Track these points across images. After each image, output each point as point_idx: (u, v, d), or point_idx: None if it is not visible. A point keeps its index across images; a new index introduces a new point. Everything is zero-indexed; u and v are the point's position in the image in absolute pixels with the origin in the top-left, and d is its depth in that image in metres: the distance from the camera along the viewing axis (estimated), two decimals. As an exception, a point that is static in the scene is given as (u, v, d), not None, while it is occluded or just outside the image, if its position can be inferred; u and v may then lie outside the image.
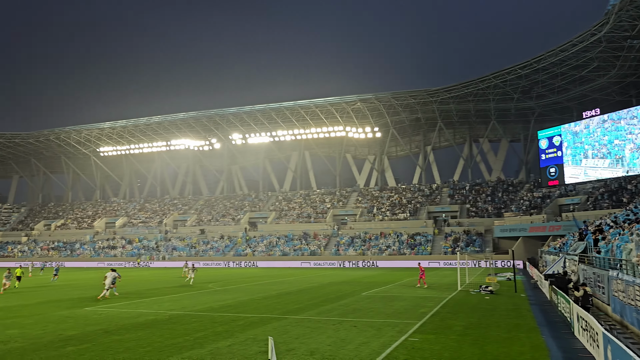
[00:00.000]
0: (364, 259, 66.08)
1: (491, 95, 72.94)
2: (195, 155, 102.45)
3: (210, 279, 42.96)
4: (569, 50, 56.68)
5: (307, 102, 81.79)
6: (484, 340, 14.26)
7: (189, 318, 19.27)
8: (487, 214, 71.45)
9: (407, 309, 21.23)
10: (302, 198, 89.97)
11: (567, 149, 66.46)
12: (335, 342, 14.14)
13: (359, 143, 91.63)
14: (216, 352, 12.98)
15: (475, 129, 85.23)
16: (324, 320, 18.24)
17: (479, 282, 34.32)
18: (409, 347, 13.47)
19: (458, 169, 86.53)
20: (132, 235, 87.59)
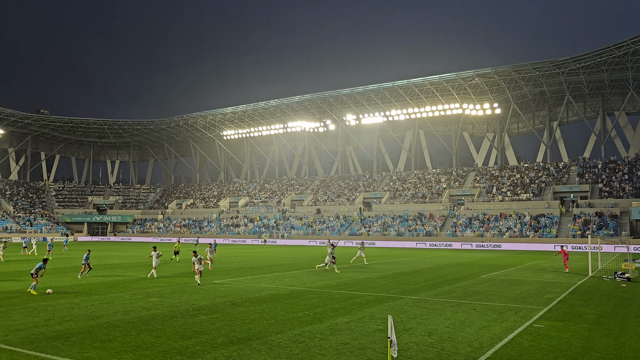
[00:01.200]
0: (483, 241, 63.68)
1: (629, 62, 65.70)
2: (310, 137, 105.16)
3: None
4: None
5: (421, 79, 79.84)
6: (620, 331, 13.13)
7: (308, 294, 20.02)
8: (624, 194, 65.02)
9: (531, 294, 20.16)
10: (416, 178, 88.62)
11: None
12: (454, 324, 13.87)
13: (476, 120, 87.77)
14: (335, 328, 13.38)
15: (610, 100, 77.55)
16: (442, 302, 17.95)
17: (613, 268, 31.52)
18: (534, 333, 12.82)
19: (589, 145, 79.64)
20: (253, 214, 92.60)
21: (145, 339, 12.07)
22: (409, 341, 11.86)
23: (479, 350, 11.08)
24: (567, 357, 10.56)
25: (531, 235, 62.79)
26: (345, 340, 11.99)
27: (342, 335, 12.45)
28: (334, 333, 12.73)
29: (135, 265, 34.68)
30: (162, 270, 29.97)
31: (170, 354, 10.65)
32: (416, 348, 11.23)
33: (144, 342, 11.75)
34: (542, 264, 36.21)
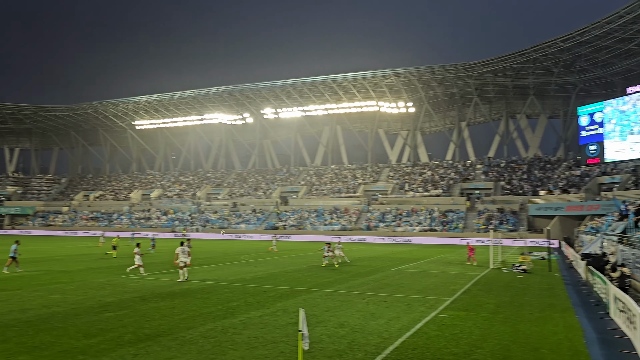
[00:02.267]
0: (395, 235, 65.97)
1: (530, 69, 70.71)
2: (228, 130, 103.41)
3: (242, 251, 43.71)
4: (615, 22, 54.20)
5: (340, 76, 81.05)
6: (516, 319, 14.12)
7: (221, 288, 19.69)
8: (523, 191, 70.05)
9: (438, 286, 21.16)
10: (333, 173, 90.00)
11: (614, 125, 63.93)
12: (365, 316, 14.24)
13: (391, 118, 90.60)
14: (248, 322, 13.26)
15: (513, 104, 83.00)
16: (354, 295, 18.36)
17: (512, 260, 33.88)
18: (439, 323, 13.46)
19: (493, 145, 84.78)
20: (167, 207, 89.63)
21: (44, 338, 11.28)
22: (322, 333, 12.01)
23: (388, 340, 11.45)
24: (468, 344, 11.17)
25: (440, 230, 65.96)
26: (258, 334, 11.91)
27: (255, 330, 12.37)
28: (247, 327, 12.62)
29: (36, 260, 32.33)
30: (65, 266, 28.23)
31: (71, 354, 10.03)
32: (328, 340, 11.39)
33: (43, 342, 10.98)
34: (449, 257, 38.15)
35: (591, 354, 10.53)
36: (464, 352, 10.49)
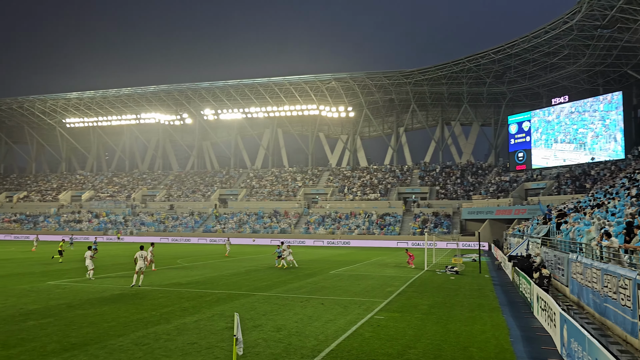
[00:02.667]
0: (334, 238, 66.59)
1: (464, 78, 73.54)
2: (165, 130, 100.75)
3: (179, 254, 42.68)
4: (542, 37, 57.39)
5: (281, 79, 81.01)
6: (447, 319, 14.61)
7: (156, 293, 19.13)
8: (456, 196, 72.68)
9: (374, 288, 21.54)
10: (273, 176, 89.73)
11: (540, 134, 67.54)
12: (302, 319, 14.27)
13: (332, 122, 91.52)
14: (183, 328, 12.95)
15: (448, 112, 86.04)
16: (292, 298, 18.37)
17: (445, 262, 35.01)
18: (374, 324, 13.70)
19: (429, 151, 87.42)
20: (98, 209, 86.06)
21: (-43, 350, 10.51)
22: (258, 337, 11.93)
23: (324, 343, 11.53)
24: (401, 345, 11.45)
25: (377, 233, 67.23)
26: (192, 339, 11.67)
27: (189, 335, 12.10)
28: (181, 333, 12.32)
29: (-51, 266, 30.10)
30: None
31: (-13, 366, 9.41)
32: (264, 344, 11.33)
33: (-45, 354, 10.23)
34: (386, 260, 38.93)
35: (515, 351, 11.06)
36: (398, 353, 10.74)
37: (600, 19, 50.11)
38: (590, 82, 66.38)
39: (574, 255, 18.54)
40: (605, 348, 7.44)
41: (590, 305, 15.89)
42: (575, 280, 18.17)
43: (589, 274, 15.72)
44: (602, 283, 14.17)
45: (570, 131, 63.71)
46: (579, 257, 17.57)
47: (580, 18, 50.63)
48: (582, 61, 60.75)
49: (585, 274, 16.35)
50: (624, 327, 12.25)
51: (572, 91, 67.79)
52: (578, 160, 62.49)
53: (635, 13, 46.91)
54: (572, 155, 63.27)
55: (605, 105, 59.87)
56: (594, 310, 15.40)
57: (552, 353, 11.02)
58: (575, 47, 58.14)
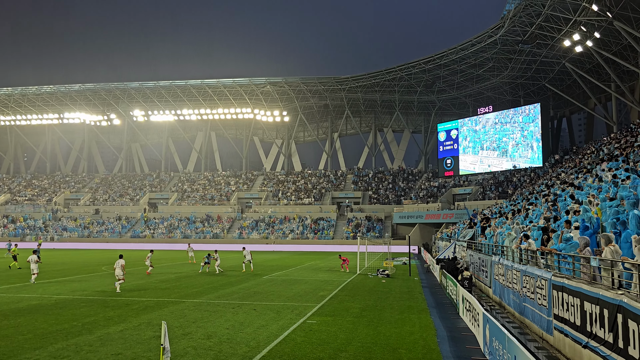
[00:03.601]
0: (268, 243, 66.21)
1: (397, 87, 75.60)
2: (91, 131, 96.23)
3: (104, 261, 40.83)
4: (469, 49, 60.09)
5: (215, 81, 79.76)
6: (378, 322, 14.87)
7: (77, 302, 18.19)
8: (388, 201, 74.44)
9: (307, 292, 21.59)
10: (206, 180, 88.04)
11: (468, 141, 70.56)
12: (234, 326, 14.05)
13: (267, 126, 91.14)
14: (106, 338, 12.37)
15: (381, 118, 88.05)
16: (223, 304, 18.05)
17: (377, 266, 35.68)
18: (306, 329, 13.71)
19: (363, 156, 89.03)
20: (15, 214, 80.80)
21: None
22: (187, 346, 11.61)
23: (255, 349, 11.40)
24: (333, 348, 11.53)
25: (311, 237, 67.55)
26: (117, 350, 11.17)
27: (114, 346, 11.58)
28: (105, 344, 11.77)
29: None
30: None
31: None
32: (194, 352, 11.04)
33: None
34: (320, 264, 39.16)
35: (442, 351, 11.44)
36: (329, 356, 10.80)
37: (522, 35, 53.18)
38: (512, 93, 70.25)
39: (496, 257, 19.47)
40: (523, 346, 7.84)
41: (511, 305, 16.73)
42: (497, 282, 19.08)
43: (510, 275, 16.55)
44: (521, 284, 14.96)
45: (495, 140, 67.16)
46: (500, 260, 18.47)
47: (503, 33, 53.49)
48: (505, 73, 64.19)
49: (506, 276, 17.20)
50: (541, 325, 12.99)
51: (496, 101, 71.47)
52: (501, 166, 65.91)
53: (552, 30, 50.19)
54: (496, 161, 66.73)
55: (524, 117, 63.78)
56: (514, 310, 16.22)
57: (476, 352, 11.48)
58: (499, 60, 61.35)
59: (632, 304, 7.86)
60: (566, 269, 12.04)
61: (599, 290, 9.25)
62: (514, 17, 49.93)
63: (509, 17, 50.32)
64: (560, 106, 70.86)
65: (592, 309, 9.47)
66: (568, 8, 45.40)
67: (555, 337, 11.66)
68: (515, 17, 49.90)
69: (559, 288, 11.45)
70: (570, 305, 10.70)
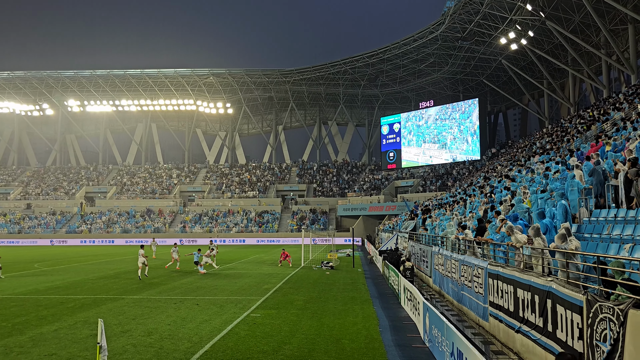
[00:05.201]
0: (211, 236, 65.16)
1: (341, 80, 76.15)
2: (22, 121, 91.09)
3: (37, 258, 38.93)
4: (411, 44, 61.35)
5: (156, 71, 77.46)
6: (322, 313, 14.99)
7: (7, 302, 17.25)
8: (332, 193, 75.06)
9: (251, 286, 21.46)
10: (147, 172, 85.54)
11: (412, 135, 72.15)
12: (176, 321, 13.76)
13: (210, 118, 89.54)
14: (39, 338, 11.81)
15: (325, 111, 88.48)
16: (165, 300, 17.64)
17: (321, 258, 35.95)
18: (250, 322, 13.64)
19: (307, 149, 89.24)
20: (-62, 209, 75.53)
21: None
22: (127, 343, 11.27)
23: (198, 344, 11.22)
24: (277, 341, 11.52)
25: (255, 230, 67.15)
26: (50, 350, 10.68)
27: (47, 346, 11.06)
28: (37, 344, 11.23)
29: None
30: None
31: None
32: (133, 350, 10.73)
33: None
34: (264, 257, 39.00)
35: (383, 340, 11.68)
36: (273, 349, 10.79)
37: (461, 32, 54.84)
38: (452, 88, 72.42)
39: (436, 248, 20.07)
40: (461, 332, 8.13)
41: (450, 294, 17.31)
42: (437, 271, 19.68)
43: (449, 265, 17.12)
44: (459, 273, 15.50)
45: (435, 133, 69.09)
46: (440, 250, 19.06)
47: (444, 29, 54.96)
48: (445, 69, 66.03)
49: (445, 265, 17.78)
50: (477, 312, 13.52)
51: (437, 96, 73.46)
52: (442, 158, 67.94)
53: (490, 29, 52.03)
54: (436, 152, 68.77)
55: (461, 114, 66.08)
56: (453, 298, 16.80)
57: (417, 340, 11.81)
58: (440, 55, 63.02)
59: (561, 289, 8.31)
60: (500, 257, 12.58)
61: (531, 277, 9.72)
62: (453, 14, 51.38)
63: (449, 14, 51.75)
64: (497, 101, 73.74)
65: (525, 296, 9.94)
66: (504, 7, 47.18)
67: (491, 323, 12.17)
68: (455, 14, 51.37)
69: (494, 276, 11.94)
70: (505, 292, 11.18)
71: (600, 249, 10.14)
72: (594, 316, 7.07)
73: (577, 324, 7.67)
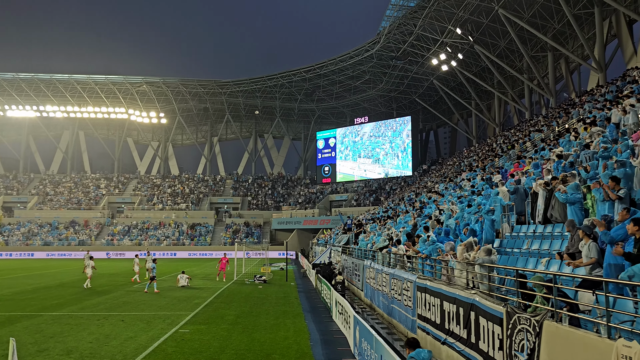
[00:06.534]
0: (141, 250, 62.79)
1: (278, 93, 76.32)
2: None
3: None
4: (347, 61, 62.62)
5: (85, 77, 74.32)
6: (253, 328, 14.78)
7: None
8: (267, 207, 74.63)
9: (181, 301, 20.84)
10: (73, 182, 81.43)
11: (349, 150, 73.30)
12: (98, 339, 13.10)
13: (142, 127, 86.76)
14: (-58, 360, 10.87)
15: (261, 124, 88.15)
16: (88, 316, 16.77)
17: (254, 272, 35.53)
18: (178, 338, 13.22)
19: (243, 162, 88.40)
20: None
21: None
22: (42, 364, 10.59)
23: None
24: (206, 357, 11.23)
25: (188, 243, 65.42)
26: (-46, 374, 9.85)
27: (-49, 369, 10.19)
28: (-60, 367, 10.32)
29: None
30: None
31: None
32: (49, 371, 10.09)
33: None
34: (196, 271, 38.02)
35: (314, 354, 11.67)
36: (201, 366, 10.50)
37: (395, 51, 56.65)
38: (386, 105, 74.47)
39: (368, 261, 20.39)
40: (389, 345, 8.28)
41: (380, 307, 17.60)
42: (369, 285, 19.98)
43: (380, 278, 17.43)
44: (390, 286, 15.81)
45: (370, 149, 70.71)
46: (372, 264, 19.38)
47: (379, 48, 56.55)
48: (380, 86, 67.86)
49: (377, 279, 18.08)
50: (406, 325, 13.83)
51: (372, 112, 75.25)
52: (376, 172, 69.64)
53: (422, 50, 54.11)
54: (370, 167, 70.43)
55: (392, 132, 68.30)
56: (383, 312, 17.09)
57: (347, 353, 11.89)
58: (375, 73, 64.72)
59: (483, 302, 8.67)
60: (428, 271, 12.96)
61: (456, 290, 10.08)
62: (388, 33, 53.02)
63: (384, 34, 53.35)
64: (429, 120, 76.53)
65: (450, 308, 10.28)
66: (436, 29, 49.28)
67: (419, 335, 12.48)
68: (390, 34, 53.02)
69: (422, 289, 12.28)
70: (432, 305, 11.52)
71: (520, 262, 10.68)
72: (513, 327, 7.42)
73: (497, 335, 8.01)
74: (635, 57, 35.71)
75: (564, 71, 47.33)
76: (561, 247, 9.93)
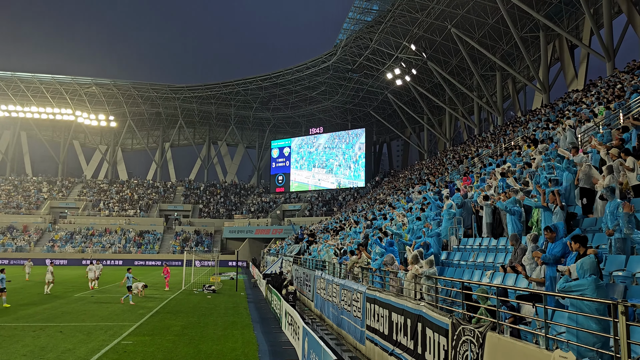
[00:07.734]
0: (85, 257, 60.47)
1: (233, 101, 75.70)
2: None
3: None
4: (304, 71, 62.92)
5: (30, 75, 71.25)
6: (200, 339, 14.44)
7: None
8: (219, 215, 73.55)
9: (125, 311, 20.14)
10: (11, 185, 77.61)
11: (305, 160, 73.44)
12: (33, 351, 12.44)
13: (90, 130, 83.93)
14: None
15: (215, 131, 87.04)
16: (22, 327, 15.93)
17: (203, 281, 34.84)
18: (120, 351, 12.73)
19: (195, 168, 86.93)
20: None
21: None
22: (-30, 378, 9.94)
23: (57, 376, 10.21)
24: (148, 370, 10.85)
25: (135, 251, 63.50)
26: None
27: None
28: None
29: None
30: None
31: None
32: (-22, 385, 9.49)
33: None
34: (142, 280, 36.85)
35: (262, 366, 11.50)
36: (143, 380, 10.13)
37: (351, 64, 57.40)
38: (341, 117, 75.19)
39: (319, 272, 20.37)
40: (338, 356, 8.25)
41: (330, 318, 17.59)
42: (319, 295, 19.94)
43: (330, 289, 17.43)
44: (340, 297, 15.83)
45: (325, 159, 71.17)
46: (323, 274, 19.37)
47: (335, 60, 57.14)
48: (335, 98, 68.52)
49: (327, 289, 18.07)
50: (355, 336, 13.86)
51: (327, 123, 75.77)
52: (329, 182, 70.10)
53: (378, 64, 55.08)
54: (324, 177, 70.95)
55: (346, 144, 69.22)
56: (333, 322, 17.08)
57: (295, 365, 11.78)
58: (331, 85, 65.32)
59: (430, 313, 8.79)
60: (377, 282, 13.06)
61: (404, 301, 10.19)
62: (345, 46, 53.69)
63: (341, 46, 53.99)
64: (383, 132, 77.78)
65: (398, 319, 10.37)
66: (392, 44, 50.30)
67: (367, 346, 12.53)
68: (346, 46, 53.69)
69: (371, 300, 12.35)
70: (380, 316, 11.59)
71: (467, 274, 10.92)
72: (458, 338, 7.55)
73: (443, 346, 8.13)
74: (576, 80, 37.62)
75: (511, 90, 49.27)
76: (505, 259, 10.24)
